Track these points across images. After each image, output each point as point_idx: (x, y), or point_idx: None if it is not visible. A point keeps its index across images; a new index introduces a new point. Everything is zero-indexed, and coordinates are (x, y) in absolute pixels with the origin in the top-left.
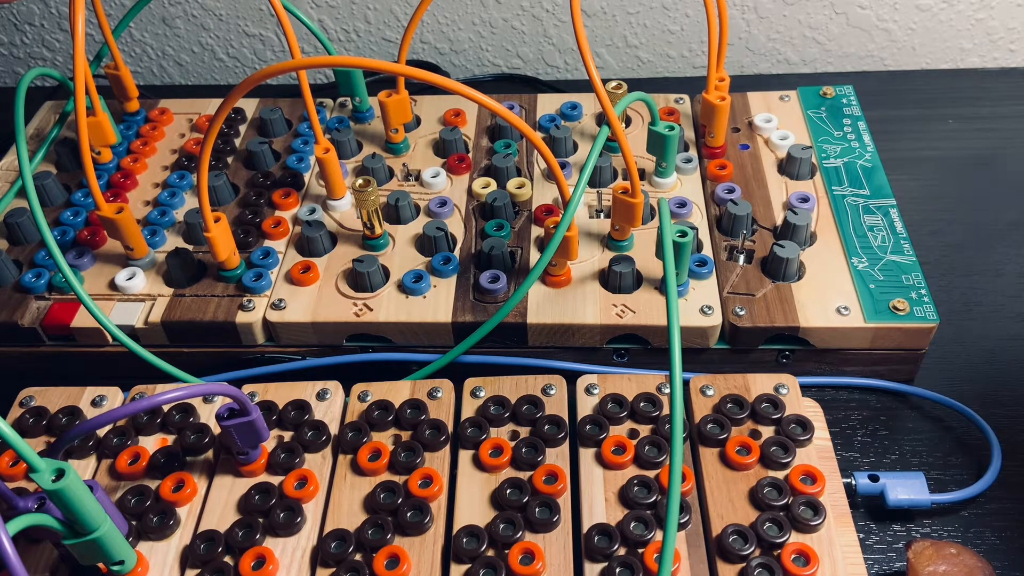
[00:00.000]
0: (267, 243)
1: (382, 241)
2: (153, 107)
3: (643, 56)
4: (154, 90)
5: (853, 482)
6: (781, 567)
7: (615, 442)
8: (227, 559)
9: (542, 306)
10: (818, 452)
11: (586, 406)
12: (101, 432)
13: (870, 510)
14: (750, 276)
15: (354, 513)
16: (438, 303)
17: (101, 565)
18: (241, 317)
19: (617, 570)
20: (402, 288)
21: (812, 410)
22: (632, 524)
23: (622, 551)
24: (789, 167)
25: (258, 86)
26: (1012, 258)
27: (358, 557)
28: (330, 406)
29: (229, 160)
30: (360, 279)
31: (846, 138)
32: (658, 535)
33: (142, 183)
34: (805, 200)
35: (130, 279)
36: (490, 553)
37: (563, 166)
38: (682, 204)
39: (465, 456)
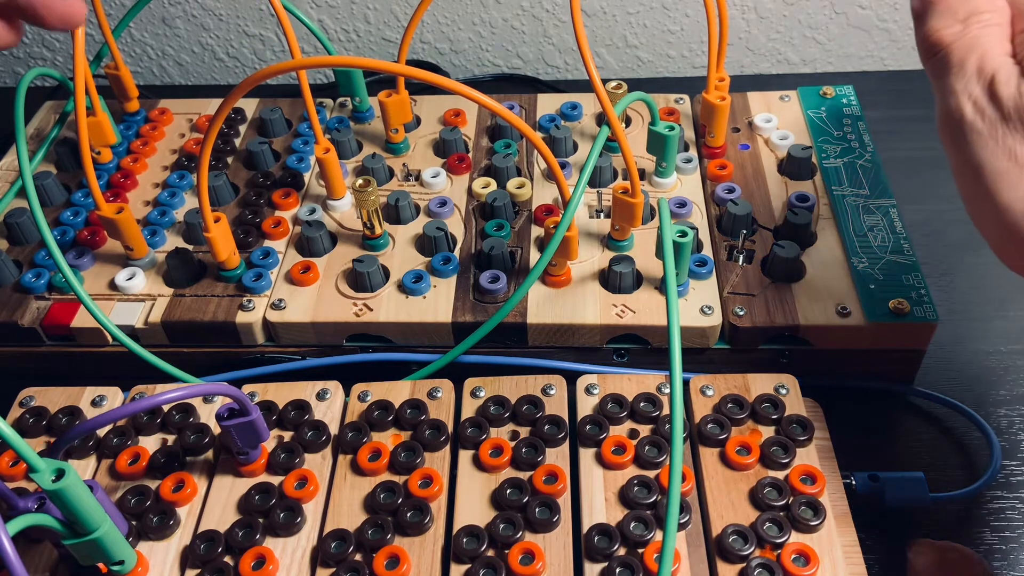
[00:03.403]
0: (267, 243)
1: (382, 241)
2: (153, 107)
3: (643, 56)
4: (154, 90)
5: (853, 482)
6: (781, 567)
7: (615, 442)
8: (227, 559)
9: (542, 306)
10: (818, 452)
11: (586, 406)
12: (101, 432)
13: (870, 510)
14: (750, 276)
15: (354, 513)
16: (438, 303)
17: (101, 565)
18: (241, 317)
19: (617, 570)
20: (402, 288)
21: (812, 410)
22: (632, 524)
23: (622, 551)
24: (789, 167)
25: (258, 86)
26: None
27: (358, 557)
28: (330, 406)
29: (229, 160)
30: (360, 279)
31: (846, 138)
32: (658, 535)
33: (142, 183)
34: (805, 200)
35: (130, 279)
36: (490, 553)
37: (563, 166)
38: (682, 204)
39: (465, 456)
